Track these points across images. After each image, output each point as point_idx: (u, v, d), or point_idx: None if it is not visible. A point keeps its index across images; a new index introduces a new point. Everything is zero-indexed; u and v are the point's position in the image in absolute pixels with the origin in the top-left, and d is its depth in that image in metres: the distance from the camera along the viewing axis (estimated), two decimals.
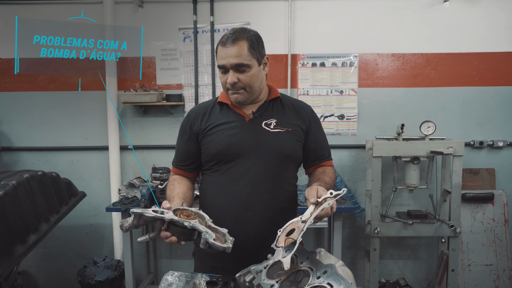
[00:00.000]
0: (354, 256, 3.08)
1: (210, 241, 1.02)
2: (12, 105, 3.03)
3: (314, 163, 1.48)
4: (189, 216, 1.13)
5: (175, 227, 1.08)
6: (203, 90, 2.98)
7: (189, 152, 1.43)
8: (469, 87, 2.89)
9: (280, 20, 2.89)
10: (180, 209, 1.16)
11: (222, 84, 1.35)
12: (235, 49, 1.26)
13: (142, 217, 1.07)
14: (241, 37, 1.27)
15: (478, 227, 2.93)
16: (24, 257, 1.82)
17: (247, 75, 1.29)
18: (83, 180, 3.00)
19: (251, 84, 1.31)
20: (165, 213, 1.08)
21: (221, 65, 1.29)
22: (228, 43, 1.27)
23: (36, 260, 3.17)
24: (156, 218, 1.07)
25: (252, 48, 1.29)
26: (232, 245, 1.07)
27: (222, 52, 1.28)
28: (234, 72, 1.28)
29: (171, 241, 1.09)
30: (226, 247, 1.04)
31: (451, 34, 2.85)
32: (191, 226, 1.05)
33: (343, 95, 2.94)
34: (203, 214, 1.16)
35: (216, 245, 1.02)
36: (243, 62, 1.27)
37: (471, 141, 2.90)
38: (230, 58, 1.26)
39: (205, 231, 1.05)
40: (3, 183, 1.74)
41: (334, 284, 0.86)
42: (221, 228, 1.12)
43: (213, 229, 1.11)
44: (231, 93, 1.33)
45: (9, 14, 2.95)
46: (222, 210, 1.31)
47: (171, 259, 3.16)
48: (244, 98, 1.34)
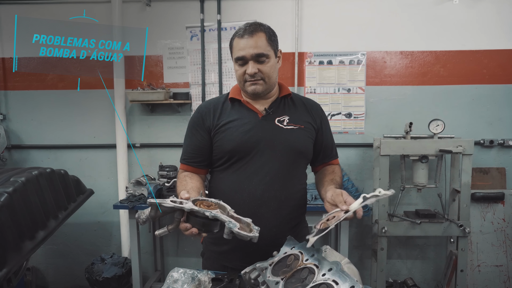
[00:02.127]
0: (361, 255, 3.06)
1: (235, 230, 0.95)
2: (22, 103, 3.08)
3: (323, 161, 1.48)
4: (209, 206, 1.07)
5: (196, 218, 1.01)
6: (210, 89, 2.98)
7: (201, 148, 1.40)
8: (479, 85, 2.84)
9: (287, 18, 2.88)
10: (199, 200, 1.09)
11: (239, 77, 1.34)
12: (254, 40, 1.27)
13: (160, 207, 1.01)
14: (258, 29, 1.30)
15: (488, 227, 2.89)
16: (33, 253, 1.85)
17: (267, 66, 1.31)
18: (91, 177, 3.02)
19: (270, 75, 1.32)
20: (184, 204, 1.01)
21: (240, 57, 1.29)
22: (247, 34, 1.28)
23: (45, 257, 3.22)
24: (175, 209, 1.00)
25: (270, 39, 1.31)
26: (258, 234, 1.00)
27: (241, 43, 1.29)
28: (254, 63, 1.29)
29: (191, 233, 1.03)
30: (252, 236, 0.98)
31: (460, 31, 2.81)
32: (213, 216, 0.99)
33: (351, 93, 2.92)
34: (224, 205, 1.10)
35: (241, 234, 0.95)
36: (263, 52, 1.28)
37: (481, 139, 2.85)
38: (249, 48, 1.27)
39: (229, 220, 0.99)
40: (13, 180, 1.77)
41: (339, 281, 0.85)
42: (245, 218, 1.07)
43: (236, 219, 1.05)
44: (250, 84, 1.32)
45: (20, 14, 2.99)
46: (236, 208, 1.30)
47: (178, 257, 3.18)
48: (263, 89, 1.33)
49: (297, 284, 0.94)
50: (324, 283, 0.87)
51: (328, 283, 0.86)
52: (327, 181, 1.35)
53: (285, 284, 0.97)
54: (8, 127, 3.08)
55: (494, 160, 2.90)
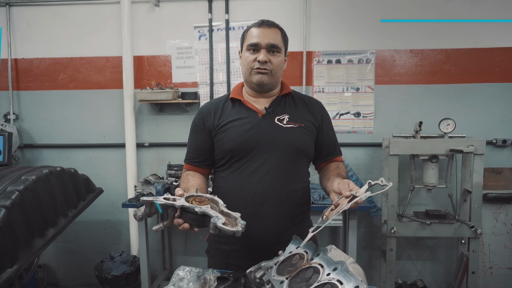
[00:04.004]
0: (370, 256, 3.03)
1: (218, 225, 0.98)
2: (33, 103, 3.13)
3: (327, 158, 1.48)
4: (201, 202, 1.11)
5: (187, 214, 1.07)
6: (218, 88, 2.99)
7: (202, 148, 1.43)
8: (491, 83, 2.79)
9: (295, 17, 2.87)
10: (193, 196, 1.14)
11: (247, 64, 1.35)
12: (272, 31, 1.33)
13: (153, 205, 1.06)
14: (275, 25, 1.36)
15: (500, 228, 2.83)
16: (43, 250, 1.88)
17: (277, 59, 1.34)
18: (101, 176, 3.05)
19: (277, 69, 1.35)
20: (177, 200, 1.07)
21: (254, 43, 1.31)
22: (265, 25, 1.33)
23: (56, 255, 3.27)
24: (167, 205, 1.06)
25: (283, 38, 1.37)
26: (243, 229, 1.01)
27: (257, 31, 1.32)
28: (267, 52, 1.32)
29: (184, 228, 1.07)
30: (235, 230, 0.99)
31: (472, 28, 2.76)
32: (201, 212, 1.03)
33: (359, 92, 2.89)
34: (217, 200, 1.13)
35: (224, 229, 0.98)
36: (278, 44, 1.32)
37: (493, 139, 2.80)
38: (265, 38, 1.31)
39: (215, 215, 1.02)
40: (24, 178, 1.80)
41: (344, 281, 0.84)
42: (234, 213, 1.08)
43: (226, 214, 1.08)
44: (257, 72, 1.33)
45: (31, 16, 3.05)
46: (238, 206, 1.31)
47: (186, 256, 3.19)
48: (268, 80, 1.35)
49: (301, 284, 0.93)
50: (329, 283, 0.86)
51: (332, 282, 0.85)
52: (333, 175, 1.35)
53: (289, 284, 0.96)
54: (21, 127, 3.14)
55: (507, 160, 2.83)
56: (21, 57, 3.10)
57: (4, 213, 1.59)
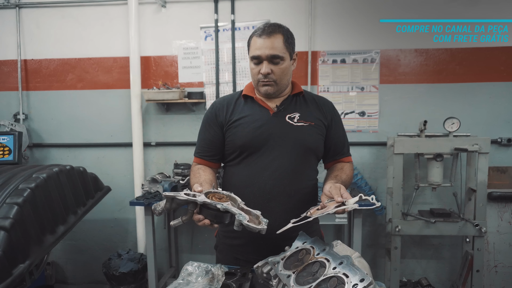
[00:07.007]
0: (374, 254, 3.05)
1: (244, 222, 0.99)
2: (42, 103, 3.18)
3: (334, 158, 1.50)
4: (221, 198, 1.12)
5: (208, 210, 1.07)
6: (224, 88, 3.01)
7: (214, 142, 1.45)
8: (496, 82, 2.79)
9: (300, 17, 2.89)
10: (211, 192, 1.14)
11: (253, 76, 1.37)
12: (271, 41, 1.30)
13: (175, 200, 1.07)
14: (277, 30, 1.32)
15: (505, 227, 2.83)
16: (53, 246, 1.92)
17: (280, 68, 1.34)
18: (108, 175, 3.09)
19: (281, 77, 1.36)
20: (197, 196, 1.07)
21: (255, 56, 1.32)
22: (265, 34, 1.31)
23: (65, 252, 3.31)
24: (188, 201, 1.06)
25: (287, 42, 1.34)
26: (266, 226, 1.04)
27: (258, 43, 1.32)
28: (268, 64, 1.32)
29: (204, 224, 1.08)
30: (261, 228, 1.01)
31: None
32: (223, 209, 1.04)
33: (364, 91, 2.91)
34: (235, 197, 1.14)
35: (250, 226, 0.99)
36: (279, 54, 1.31)
37: (498, 138, 2.80)
38: (266, 49, 1.30)
39: (239, 213, 1.03)
40: (35, 176, 1.84)
41: (350, 275, 0.86)
42: (254, 210, 1.11)
43: (246, 211, 1.10)
44: (262, 85, 1.36)
45: (40, 17, 3.09)
46: (246, 202, 1.33)
47: (192, 254, 3.22)
48: (274, 90, 1.37)
49: (308, 277, 0.96)
50: (335, 276, 0.89)
51: (338, 276, 0.88)
52: (331, 177, 1.37)
53: (296, 278, 0.99)
54: (30, 126, 3.19)
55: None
56: (31, 58, 3.15)
57: (16, 210, 1.63)
